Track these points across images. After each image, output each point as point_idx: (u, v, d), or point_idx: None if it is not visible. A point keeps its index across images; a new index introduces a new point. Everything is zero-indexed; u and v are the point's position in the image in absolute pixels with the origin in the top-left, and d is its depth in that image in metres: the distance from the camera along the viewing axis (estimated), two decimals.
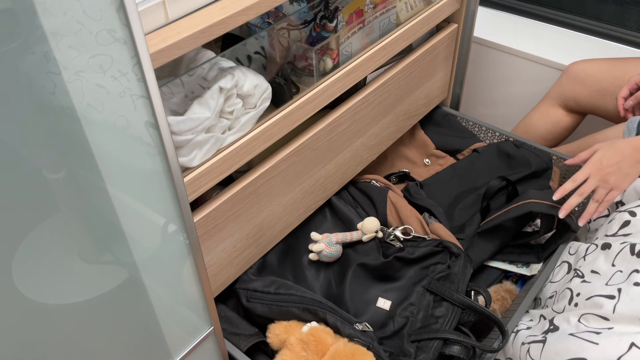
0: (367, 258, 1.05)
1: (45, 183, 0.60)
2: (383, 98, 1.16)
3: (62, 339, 0.73)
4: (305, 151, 1.01)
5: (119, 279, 0.75)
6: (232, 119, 0.85)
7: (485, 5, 1.76)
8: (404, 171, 1.32)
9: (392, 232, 1.11)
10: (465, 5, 1.28)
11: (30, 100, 0.55)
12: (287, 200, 1.03)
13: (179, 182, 0.70)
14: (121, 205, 0.68)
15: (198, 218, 0.85)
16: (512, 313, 0.98)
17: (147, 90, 0.61)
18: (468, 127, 1.42)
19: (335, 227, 1.16)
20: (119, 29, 0.56)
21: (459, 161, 1.35)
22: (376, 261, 1.04)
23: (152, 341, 0.84)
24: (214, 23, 0.73)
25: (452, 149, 1.38)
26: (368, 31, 1.07)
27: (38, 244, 0.62)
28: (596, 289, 0.88)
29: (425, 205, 1.18)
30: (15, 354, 0.66)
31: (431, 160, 1.38)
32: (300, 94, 0.95)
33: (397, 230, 1.11)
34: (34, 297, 0.64)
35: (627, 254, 0.87)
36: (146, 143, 0.65)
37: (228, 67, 0.84)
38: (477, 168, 1.30)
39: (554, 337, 0.87)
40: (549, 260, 1.06)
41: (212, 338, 0.92)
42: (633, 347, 0.79)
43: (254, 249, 1.02)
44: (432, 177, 1.33)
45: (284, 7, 1.01)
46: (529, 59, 1.55)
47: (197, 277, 0.83)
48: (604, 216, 1.07)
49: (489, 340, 0.98)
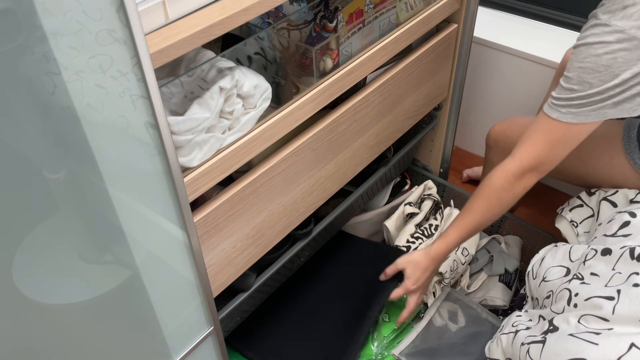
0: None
1: (45, 183, 0.60)
2: (383, 98, 1.16)
3: (62, 339, 0.73)
4: (305, 151, 1.01)
5: (119, 279, 0.75)
6: (232, 119, 0.85)
7: (485, 5, 1.76)
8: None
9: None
10: (465, 5, 1.28)
11: (30, 101, 0.55)
12: (287, 200, 1.03)
13: (179, 182, 0.70)
14: (121, 206, 0.68)
15: (198, 218, 0.85)
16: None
17: (147, 91, 0.61)
18: None
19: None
20: (119, 29, 0.56)
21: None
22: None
23: (152, 341, 0.84)
24: (214, 23, 0.73)
25: None
26: (368, 31, 1.07)
27: (38, 244, 0.62)
28: (595, 290, 0.88)
29: None
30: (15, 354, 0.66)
31: None
32: (300, 94, 0.95)
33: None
34: (34, 297, 0.64)
35: (627, 258, 0.87)
36: (146, 143, 0.65)
37: (228, 68, 0.84)
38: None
39: (553, 337, 0.87)
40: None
41: (212, 338, 0.92)
42: (633, 347, 0.79)
43: (254, 249, 1.02)
44: None
45: (284, 7, 1.01)
46: (529, 59, 1.55)
47: (197, 277, 0.83)
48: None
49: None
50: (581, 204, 1.14)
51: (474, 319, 1.25)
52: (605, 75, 0.85)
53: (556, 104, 0.92)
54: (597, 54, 0.85)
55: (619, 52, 0.83)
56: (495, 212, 1.05)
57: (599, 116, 0.89)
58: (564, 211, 1.16)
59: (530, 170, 0.98)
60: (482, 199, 1.04)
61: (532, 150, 0.97)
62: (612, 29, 0.83)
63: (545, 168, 0.98)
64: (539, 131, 0.96)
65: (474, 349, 1.18)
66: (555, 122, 0.92)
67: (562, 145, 0.95)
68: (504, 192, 1.01)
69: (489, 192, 1.03)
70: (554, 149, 0.95)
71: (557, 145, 0.95)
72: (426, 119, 1.45)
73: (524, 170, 0.98)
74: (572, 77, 0.89)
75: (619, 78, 0.84)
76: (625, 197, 1.06)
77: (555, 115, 0.92)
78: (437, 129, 1.53)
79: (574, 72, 0.88)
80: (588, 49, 0.86)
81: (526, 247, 1.43)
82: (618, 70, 0.84)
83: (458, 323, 1.24)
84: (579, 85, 0.88)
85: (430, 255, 1.12)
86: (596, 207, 1.10)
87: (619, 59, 0.83)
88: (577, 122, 0.90)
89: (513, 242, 1.42)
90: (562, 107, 0.91)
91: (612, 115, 0.89)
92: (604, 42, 0.84)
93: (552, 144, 0.95)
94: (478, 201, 1.05)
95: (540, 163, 0.97)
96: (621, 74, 0.84)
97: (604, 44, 0.84)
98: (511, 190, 1.00)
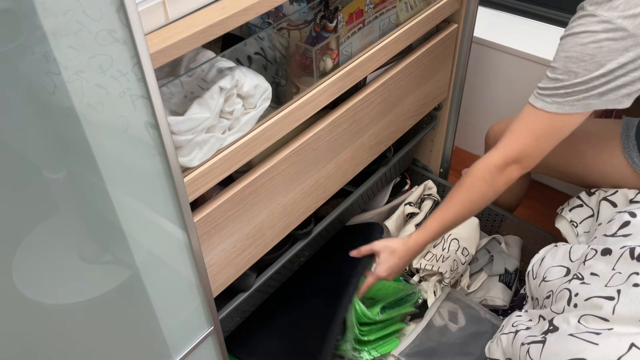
0: None
1: (45, 183, 0.60)
2: (383, 98, 1.16)
3: (62, 339, 0.73)
4: (305, 151, 1.01)
5: (119, 279, 0.75)
6: (232, 119, 0.85)
7: (485, 5, 1.76)
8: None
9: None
10: (465, 5, 1.28)
11: (30, 100, 0.55)
12: (287, 200, 1.03)
13: (179, 182, 0.70)
14: (121, 205, 0.68)
15: (198, 218, 0.85)
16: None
17: (147, 91, 0.61)
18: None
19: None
20: (118, 29, 0.56)
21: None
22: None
23: (152, 341, 0.84)
24: (214, 23, 0.73)
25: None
26: (368, 31, 1.07)
27: (38, 244, 0.62)
28: (595, 290, 0.88)
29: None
30: (15, 354, 0.66)
31: None
32: (300, 94, 0.95)
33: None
34: (34, 297, 0.64)
35: (627, 258, 0.87)
36: (146, 143, 0.65)
37: (228, 68, 0.84)
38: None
39: (553, 337, 0.87)
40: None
41: (212, 338, 0.92)
42: (633, 347, 0.79)
43: (254, 249, 1.02)
44: None
45: (284, 7, 1.01)
46: (529, 59, 1.55)
47: (197, 277, 0.83)
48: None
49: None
50: (581, 204, 1.14)
51: (474, 319, 1.25)
52: (591, 65, 0.85)
53: (541, 93, 0.91)
54: (582, 43, 0.85)
55: (604, 42, 0.83)
56: (477, 204, 1.03)
57: (583, 106, 0.89)
58: (564, 211, 1.16)
59: (513, 162, 0.96)
60: (464, 191, 1.02)
61: (516, 142, 0.95)
62: (599, 19, 0.83)
63: (528, 161, 0.96)
64: (524, 122, 0.95)
65: (474, 349, 1.18)
66: (540, 112, 0.92)
67: (546, 137, 0.93)
68: (486, 184, 0.99)
69: (470, 183, 1.01)
70: (538, 141, 0.94)
71: (541, 137, 0.93)
72: (426, 119, 1.45)
73: (506, 162, 0.96)
74: (558, 67, 0.89)
75: (604, 68, 0.84)
76: (625, 197, 1.06)
77: (540, 105, 0.91)
78: (437, 129, 1.53)
79: (560, 62, 0.88)
80: (574, 39, 0.86)
81: (526, 247, 1.43)
82: (603, 60, 0.84)
83: (458, 323, 1.24)
84: (565, 75, 0.88)
85: (407, 245, 1.11)
86: (596, 207, 1.10)
87: (605, 48, 0.83)
88: (562, 113, 0.90)
89: (513, 242, 1.42)
90: (547, 96, 0.90)
91: (597, 106, 0.88)
92: (590, 32, 0.84)
93: (537, 135, 0.93)
94: (459, 193, 1.03)
95: (523, 155, 0.95)
96: (606, 64, 0.84)
97: (590, 33, 0.84)
98: (493, 183, 0.98)
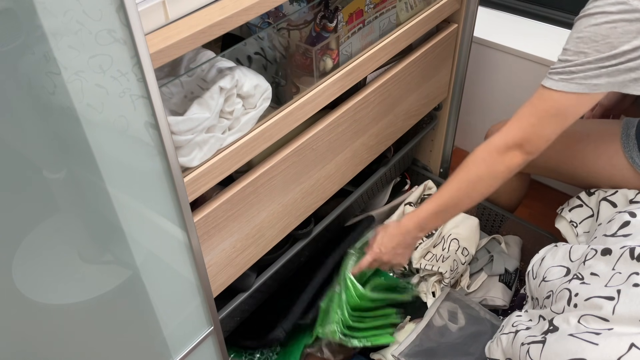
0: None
1: (45, 183, 0.60)
2: (383, 98, 1.16)
3: (62, 339, 0.73)
4: (305, 151, 1.01)
5: (119, 279, 0.75)
6: (232, 119, 0.85)
7: (485, 5, 1.76)
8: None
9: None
10: (465, 5, 1.28)
11: (30, 100, 0.55)
12: (287, 200, 1.03)
13: (179, 182, 0.70)
14: (121, 206, 0.68)
15: (198, 218, 0.85)
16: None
17: (147, 91, 0.61)
18: None
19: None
20: (118, 29, 0.56)
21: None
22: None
23: (152, 341, 0.84)
24: (214, 23, 0.73)
25: None
26: (368, 31, 1.07)
27: (38, 244, 0.62)
28: (595, 290, 0.88)
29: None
30: (15, 354, 0.66)
31: None
32: (300, 94, 0.95)
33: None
34: (34, 297, 0.64)
35: (627, 258, 0.87)
36: (146, 143, 0.65)
37: (228, 68, 0.84)
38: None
39: (553, 337, 0.87)
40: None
41: (212, 338, 0.92)
42: (633, 347, 0.79)
43: (254, 249, 1.02)
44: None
45: (284, 7, 1.01)
46: (529, 59, 1.55)
47: (197, 277, 0.83)
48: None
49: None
50: (581, 204, 1.14)
51: (474, 319, 1.25)
52: (602, 46, 0.85)
53: (551, 72, 0.92)
54: (596, 23, 0.85)
55: (619, 23, 0.83)
56: (473, 186, 1.00)
57: (590, 87, 0.88)
58: (564, 211, 1.16)
59: (514, 147, 0.94)
60: (462, 171, 1.01)
61: (518, 124, 0.94)
62: (616, 0, 0.83)
63: (531, 147, 0.94)
64: (529, 103, 0.94)
65: (474, 349, 1.18)
66: (546, 91, 0.91)
67: (549, 118, 0.92)
68: (484, 165, 0.97)
69: (468, 163, 1.00)
70: (542, 123, 0.93)
71: (544, 118, 0.92)
72: (426, 119, 1.45)
73: (507, 145, 0.95)
74: (569, 49, 0.89)
75: (617, 49, 0.84)
76: (624, 197, 1.06)
77: (548, 84, 0.91)
78: (437, 129, 1.53)
79: (571, 43, 0.89)
80: (588, 19, 0.86)
81: (526, 247, 1.43)
82: (616, 42, 0.84)
83: (458, 323, 1.24)
84: (575, 56, 0.88)
85: (401, 224, 1.10)
86: (596, 207, 1.10)
87: (619, 29, 0.83)
88: (568, 91, 0.89)
89: (513, 242, 1.42)
90: (555, 74, 0.91)
91: (604, 89, 0.88)
92: (605, 12, 0.84)
93: (540, 116, 0.92)
94: (457, 173, 1.01)
95: (525, 139, 0.94)
96: (619, 46, 0.84)
97: (605, 14, 0.84)
98: (492, 164, 0.96)
